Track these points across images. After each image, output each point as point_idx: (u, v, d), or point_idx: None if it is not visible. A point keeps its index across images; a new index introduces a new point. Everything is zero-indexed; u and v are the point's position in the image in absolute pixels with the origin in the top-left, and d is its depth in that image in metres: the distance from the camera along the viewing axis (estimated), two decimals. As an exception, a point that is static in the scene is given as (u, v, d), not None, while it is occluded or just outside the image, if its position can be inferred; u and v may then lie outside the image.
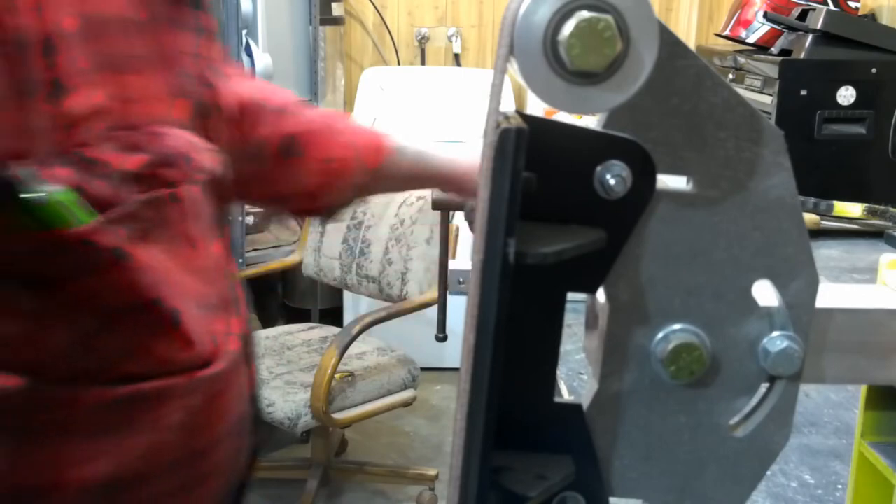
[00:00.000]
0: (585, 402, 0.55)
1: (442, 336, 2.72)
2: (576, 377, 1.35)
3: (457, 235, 2.53)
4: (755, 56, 2.48)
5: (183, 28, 0.71)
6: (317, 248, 2.74)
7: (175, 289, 0.67)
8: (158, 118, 0.65)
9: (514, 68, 0.48)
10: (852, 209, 2.08)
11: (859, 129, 2.26)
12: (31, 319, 0.63)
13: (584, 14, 0.46)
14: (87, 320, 0.64)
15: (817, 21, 2.29)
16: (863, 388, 0.80)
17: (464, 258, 1.22)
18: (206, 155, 0.69)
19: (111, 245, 0.62)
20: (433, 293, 2.49)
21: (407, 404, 2.57)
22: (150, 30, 0.67)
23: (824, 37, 2.28)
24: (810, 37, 2.31)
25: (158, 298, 0.66)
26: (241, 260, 2.69)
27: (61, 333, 0.64)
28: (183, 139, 0.67)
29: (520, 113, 0.49)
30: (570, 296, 0.52)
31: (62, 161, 0.59)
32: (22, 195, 0.58)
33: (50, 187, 0.58)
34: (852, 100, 2.25)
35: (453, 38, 3.83)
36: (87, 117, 0.60)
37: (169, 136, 0.65)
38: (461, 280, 1.02)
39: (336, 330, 2.73)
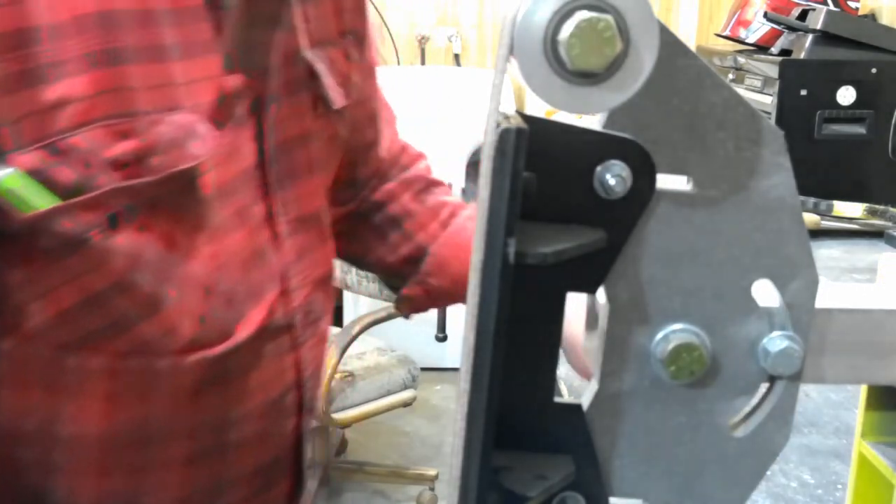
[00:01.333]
0: (585, 402, 0.55)
1: (442, 336, 2.72)
2: (576, 377, 1.35)
3: (457, 235, 2.52)
4: (755, 56, 2.48)
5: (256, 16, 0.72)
6: (317, 248, 2.73)
7: (166, 273, 0.67)
8: (166, 105, 0.65)
9: (514, 68, 0.48)
10: (852, 209, 2.08)
11: (859, 129, 2.26)
12: (18, 291, 0.65)
13: (584, 14, 0.46)
14: (67, 297, 0.65)
15: (817, 21, 2.29)
16: (863, 388, 0.80)
17: (464, 258, 1.22)
18: (207, 142, 0.67)
19: (74, 228, 0.62)
20: (433, 293, 2.48)
21: (407, 404, 2.57)
22: (187, 19, 0.67)
23: (824, 37, 2.28)
24: (810, 37, 2.31)
25: (135, 282, 0.66)
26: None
27: (43, 307, 0.65)
28: (180, 126, 0.65)
29: (520, 113, 0.49)
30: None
31: (29, 148, 0.60)
32: None
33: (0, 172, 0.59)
34: (852, 100, 2.25)
35: (453, 39, 3.83)
36: (66, 105, 0.60)
37: (165, 123, 0.64)
38: (461, 280, 1.03)
39: (336, 330, 2.73)
